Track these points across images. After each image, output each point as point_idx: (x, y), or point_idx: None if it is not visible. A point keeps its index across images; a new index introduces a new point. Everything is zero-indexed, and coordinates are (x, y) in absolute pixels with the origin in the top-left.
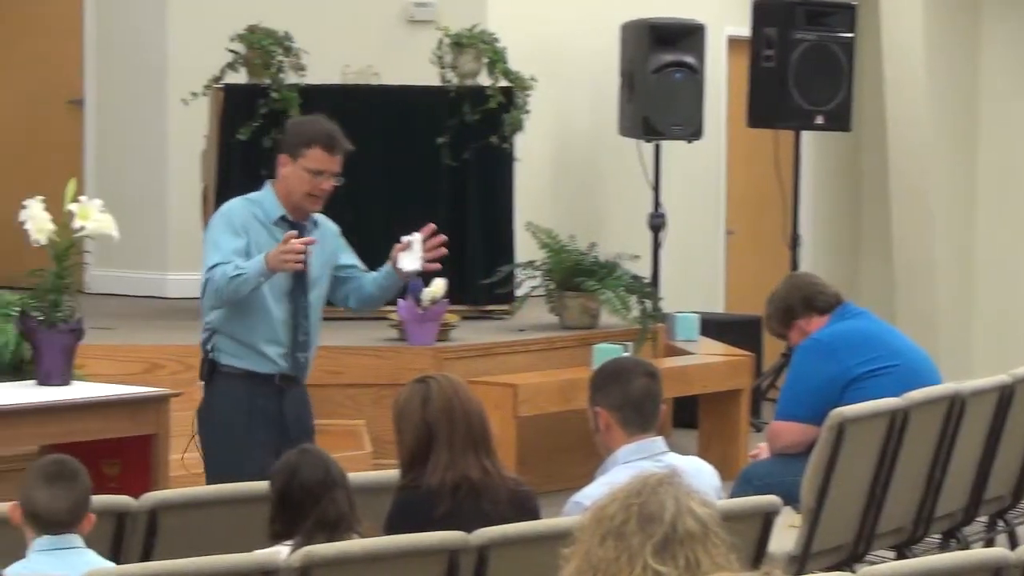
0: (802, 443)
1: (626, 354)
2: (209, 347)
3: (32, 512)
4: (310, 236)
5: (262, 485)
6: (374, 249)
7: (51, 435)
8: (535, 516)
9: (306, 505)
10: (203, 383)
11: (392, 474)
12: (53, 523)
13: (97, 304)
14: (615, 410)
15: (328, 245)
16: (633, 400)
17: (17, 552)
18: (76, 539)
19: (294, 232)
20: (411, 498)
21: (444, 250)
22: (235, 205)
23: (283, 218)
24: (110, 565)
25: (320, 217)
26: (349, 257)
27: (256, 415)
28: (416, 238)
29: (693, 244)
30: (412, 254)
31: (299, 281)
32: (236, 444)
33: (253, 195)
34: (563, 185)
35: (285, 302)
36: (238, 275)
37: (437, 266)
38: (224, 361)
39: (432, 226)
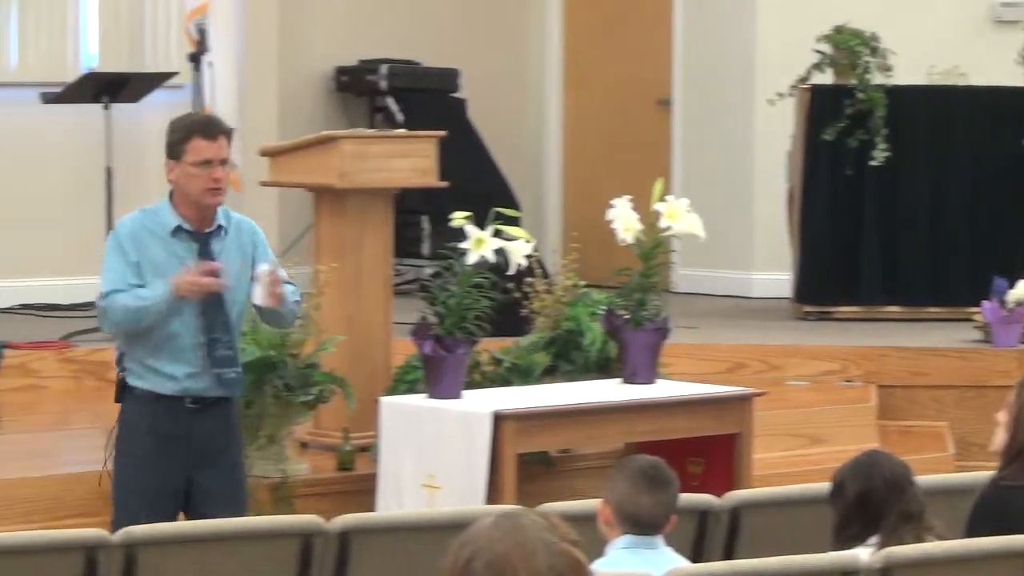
0: None
1: None
2: (121, 367)
3: (631, 515)
4: (218, 245)
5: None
6: (957, 245)
7: (638, 433)
8: None
9: (890, 498)
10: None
11: (977, 476)
12: (648, 526)
13: (683, 303)
14: None
15: (244, 249)
16: None
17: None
18: (658, 539)
19: (213, 265)
20: (1006, 497)
21: (281, 289)
22: (126, 220)
23: (180, 228)
24: (687, 563)
25: (238, 218)
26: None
27: (161, 438)
28: (262, 270)
29: None
30: (259, 288)
31: (214, 296)
32: (138, 465)
33: (149, 206)
34: None
35: (197, 320)
36: (140, 306)
37: (276, 301)
38: (132, 382)
39: (266, 266)
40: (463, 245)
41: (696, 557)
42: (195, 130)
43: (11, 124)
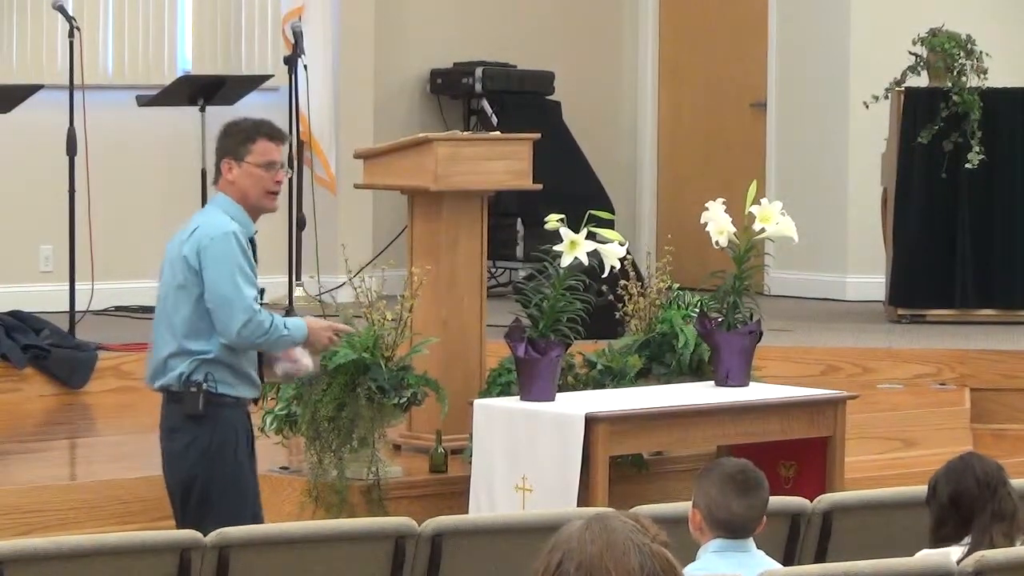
0: None
1: None
2: (202, 378)
3: (723, 519)
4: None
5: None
6: None
7: (730, 436)
8: None
9: (983, 498)
10: (187, 417)
11: None
12: (739, 530)
13: (776, 306)
14: None
15: None
16: None
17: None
18: (749, 542)
19: (349, 330)
20: None
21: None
22: (227, 224)
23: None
24: (778, 566)
25: None
26: None
27: (249, 438)
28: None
29: None
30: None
31: None
32: (244, 475)
33: (224, 212)
34: None
35: None
36: (283, 336)
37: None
38: (223, 391)
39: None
40: (557, 247)
41: (788, 560)
42: (262, 131)
43: (107, 127)
